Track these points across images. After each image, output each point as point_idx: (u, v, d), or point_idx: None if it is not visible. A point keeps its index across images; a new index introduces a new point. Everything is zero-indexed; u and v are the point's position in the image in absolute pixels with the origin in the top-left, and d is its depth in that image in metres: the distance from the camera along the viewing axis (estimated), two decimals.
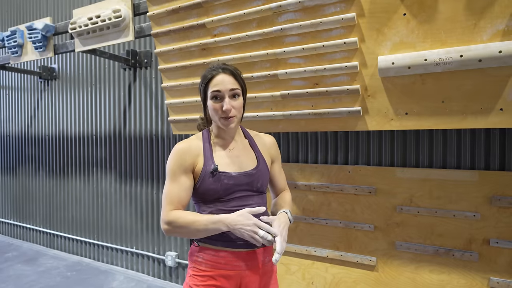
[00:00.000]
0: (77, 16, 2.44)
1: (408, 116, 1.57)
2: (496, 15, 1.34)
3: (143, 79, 2.90)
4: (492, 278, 1.60)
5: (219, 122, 1.17)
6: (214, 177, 1.14)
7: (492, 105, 1.40)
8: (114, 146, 3.11)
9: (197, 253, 1.17)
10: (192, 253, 1.20)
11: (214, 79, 1.15)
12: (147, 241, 2.93)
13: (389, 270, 1.82)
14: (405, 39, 1.51)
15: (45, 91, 3.63)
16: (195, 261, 1.17)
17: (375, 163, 1.95)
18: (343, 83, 1.67)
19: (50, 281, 2.89)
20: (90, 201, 3.31)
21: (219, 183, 1.14)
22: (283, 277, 2.09)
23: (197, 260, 1.17)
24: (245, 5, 1.82)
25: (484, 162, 1.71)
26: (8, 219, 4.09)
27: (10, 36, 2.86)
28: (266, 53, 1.79)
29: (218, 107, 1.14)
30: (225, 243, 1.14)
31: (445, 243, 1.70)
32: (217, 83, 1.15)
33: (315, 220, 2.00)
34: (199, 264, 1.16)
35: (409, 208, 1.76)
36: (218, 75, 1.15)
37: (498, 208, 1.59)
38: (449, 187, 1.69)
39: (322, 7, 1.64)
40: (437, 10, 1.43)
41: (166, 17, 2.07)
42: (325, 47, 1.64)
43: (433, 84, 1.49)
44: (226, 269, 1.15)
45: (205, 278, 1.14)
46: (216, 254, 1.15)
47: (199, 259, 1.16)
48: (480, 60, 1.34)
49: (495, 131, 1.69)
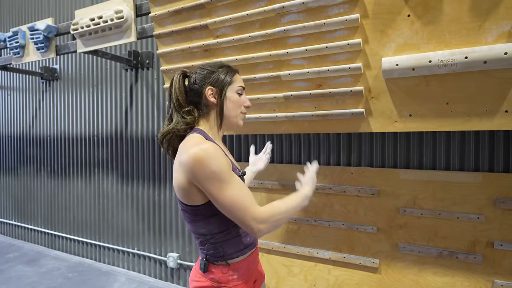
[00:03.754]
0: (79, 17, 2.44)
1: (412, 118, 1.56)
2: (501, 16, 1.33)
3: (145, 80, 2.90)
4: (496, 280, 1.59)
5: (238, 118, 1.16)
6: None
7: (497, 107, 1.40)
8: (115, 146, 3.11)
9: (231, 272, 1.08)
10: (221, 277, 1.08)
11: (237, 75, 1.17)
12: (148, 242, 2.92)
13: (392, 272, 1.81)
14: (409, 40, 1.50)
15: (47, 92, 3.63)
16: (230, 281, 1.08)
17: (378, 164, 1.94)
18: (347, 84, 1.67)
19: (52, 282, 2.88)
20: (92, 202, 3.30)
21: None
22: (285, 279, 2.08)
23: (232, 278, 1.08)
24: (248, 6, 1.81)
25: (488, 164, 1.70)
26: (9, 220, 4.09)
27: (12, 36, 2.86)
28: (269, 54, 1.78)
29: (241, 102, 1.16)
30: (250, 246, 1.15)
31: (448, 245, 1.69)
32: (240, 80, 1.18)
33: (317, 222, 1.99)
34: (236, 281, 1.09)
35: (413, 210, 1.75)
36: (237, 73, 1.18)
37: (502, 210, 1.58)
38: (452, 189, 1.68)
39: (326, 8, 1.63)
40: (442, 11, 1.42)
41: (169, 18, 2.07)
42: (329, 48, 1.63)
43: (438, 86, 1.48)
44: (253, 269, 1.18)
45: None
46: (247, 261, 1.14)
47: (235, 276, 1.09)
48: (485, 62, 1.33)
49: (500, 133, 1.68)
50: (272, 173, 2.14)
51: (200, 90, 1.12)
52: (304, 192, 1.17)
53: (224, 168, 0.97)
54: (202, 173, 0.95)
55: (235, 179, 1.00)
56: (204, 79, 1.12)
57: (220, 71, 1.13)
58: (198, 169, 0.95)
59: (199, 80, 1.12)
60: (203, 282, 1.08)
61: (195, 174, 0.96)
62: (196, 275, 1.12)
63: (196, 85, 1.12)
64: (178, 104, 1.10)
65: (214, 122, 1.14)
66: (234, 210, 0.97)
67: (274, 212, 1.02)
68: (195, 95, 1.13)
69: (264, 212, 1.00)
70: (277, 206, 1.04)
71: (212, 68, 1.14)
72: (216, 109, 1.12)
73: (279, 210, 1.03)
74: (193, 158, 0.96)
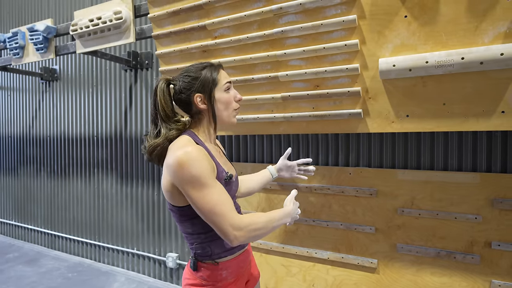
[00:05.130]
0: (78, 18, 2.45)
1: (409, 118, 1.57)
2: (498, 17, 1.33)
3: (144, 80, 2.91)
4: (494, 281, 1.59)
5: (231, 116, 1.13)
6: (226, 184, 1.08)
7: (493, 108, 1.40)
8: (115, 147, 3.11)
9: (220, 271, 1.10)
10: (209, 276, 1.10)
11: (221, 72, 1.13)
12: (148, 242, 2.93)
13: (390, 272, 1.81)
14: (406, 41, 1.51)
15: (47, 92, 3.64)
16: (218, 280, 1.10)
17: (376, 165, 1.94)
18: (344, 85, 1.67)
19: (51, 282, 2.89)
20: (91, 202, 3.31)
21: (231, 190, 1.10)
22: (283, 279, 2.08)
23: (220, 277, 1.10)
24: (246, 7, 1.81)
25: (486, 165, 1.71)
26: (9, 220, 4.10)
27: (12, 37, 2.87)
28: (267, 55, 1.79)
29: (232, 99, 1.13)
30: (238, 246, 1.14)
31: (446, 245, 1.69)
32: (225, 75, 1.14)
33: (316, 222, 1.99)
34: (225, 279, 1.11)
35: (410, 211, 1.75)
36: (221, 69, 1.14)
37: (500, 210, 1.59)
38: (450, 190, 1.69)
39: (323, 9, 1.63)
40: (439, 12, 1.43)
41: (167, 19, 2.07)
42: (326, 49, 1.63)
43: (434, 87, 1.49)
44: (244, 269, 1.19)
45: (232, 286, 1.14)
46: (236, 260, 1.15)
47: (224, 275, 1.11)
48: (481, 63, 1.34)
49: (497, 133, 1.68)
50: None
51: (188, 99, 1.09)
52: (286, 209, 1.14)
53: (205, 172, 0.96)
54: (182, 176, 0.95)
55: (215, 184, 0.98)
56: (189, 86, 1.08)
57: (203, 73, 1.09)
58: (179, 172, 0.95)
59: (185, 88, 1.09)
60: (193, 280, 1.11)
61: (176, 177, 0.97)
62: (187, 273, 1.14)
63: (182, 95, 1.09)
64: (165, 115, 1.06)
65: (207, 125, 1.13)
66: (212, 215, 0.96)
67: (253, 221, 0.99)
68: (184, 105, 1.11)
69: (242, 219, 0.98)
70: (256, 216, 1.03)
71: (195, 74, 1.09)
72: (208, 113, 1.11)
73: (257, 220, 1.01)
74: (176, 161, 0.96)
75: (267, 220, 1.04)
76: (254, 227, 0.99)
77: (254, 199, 2.18)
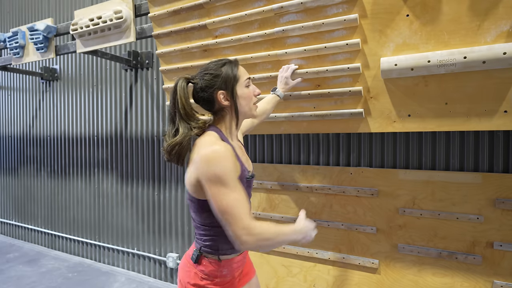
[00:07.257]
0: (79, 17, 2.44)
1: (411, 118, 1.56)
2: (500, 16, 1.32)
3: (144, 80, 2.90)
4: (496, 281, 1.59)
5: (252, 109, 1.17)
6: (247, 183, 1.11)
7: (496, 107, 1.39)
8: (115, 147, 3.11)
9: (221, 268, 1.13)
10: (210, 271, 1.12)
11: (240, 68, 1.16)
12: (148, 242, 2.92)
13: (391, 272, 1.81)
14: (408, 40, 1.50)
15: (47, 92, 3.63)
16: (218, 276, 1.12)
17: (378, 165, 1.93)
18: (345, 84, 1.66)
19: (52, 282, 2.88)
20: (92, 202, 3.30)
21: (250, 188, 1.15)
22: (284, 279, 2.08)
23: (220, 274, 1.13)
24: (246, 6, 1.81)
25: (488, 164, 1.70)
26: (9, 220, 4.09)
27: (12, 37, 2.86)
28: (267, 54, 1.78)
29: (252, 94, 1.17)
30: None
31: (448, 246, 1.68)
32: (244, 71, 1.16)
33: (317, 222, 1.98)
34: (224, 277, 1.14)
35: (412, 211, 1.75)
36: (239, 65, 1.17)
37: (502, 210, 1.58)
38: (452, 190, 1.68)
39: (324, 8, 1.63)
40: (441, 11, 1.42)
41: (168, 18, 2.07)
42: (327, 48, 1.63)
43: (436, 86, 1.48)
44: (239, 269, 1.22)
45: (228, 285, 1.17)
46: (236, 260, 1.18)
47: (224, 272, 1.13)
48: (484, 62, 1.33)
49: (499, 133, 1.67)
50: (271, 173, 2.14)
51: (210, 96, 1.10)
52: (295, 226, 1.13)
53: (228, 172, 0.98)
54: (206, 173, 0.98)
55: (236, 185, 0.99)
56: (211, 84, 1.09)
57: (224, 70, 1.10)
58: (203, 168, 0.99)
59: (206, 86, 1.10)
60: (191, 272, 1.13)
61: (201, 173, 1.00)
62: (186, 264, 1.16)
63: (204, 93, 1.10)
64: (185, 113, 1.07)
65: (230, 121, 1.15)
66: (227, 215, 0.97)
67: (264, 230, 1.00)
68: (206, 103, 1.13)
69: (256, 226, 0.98)
70: (270, 225, 1.03)
71: (215, 71, 1.10)
72: (231, 109, 1.13)
73: (269, 230, 1.01)
74: (203, 157, 0.99)
75: (277, 232, 1.03)
76: (265, 236, 0.99)
77: (255, 199, 2.17)
